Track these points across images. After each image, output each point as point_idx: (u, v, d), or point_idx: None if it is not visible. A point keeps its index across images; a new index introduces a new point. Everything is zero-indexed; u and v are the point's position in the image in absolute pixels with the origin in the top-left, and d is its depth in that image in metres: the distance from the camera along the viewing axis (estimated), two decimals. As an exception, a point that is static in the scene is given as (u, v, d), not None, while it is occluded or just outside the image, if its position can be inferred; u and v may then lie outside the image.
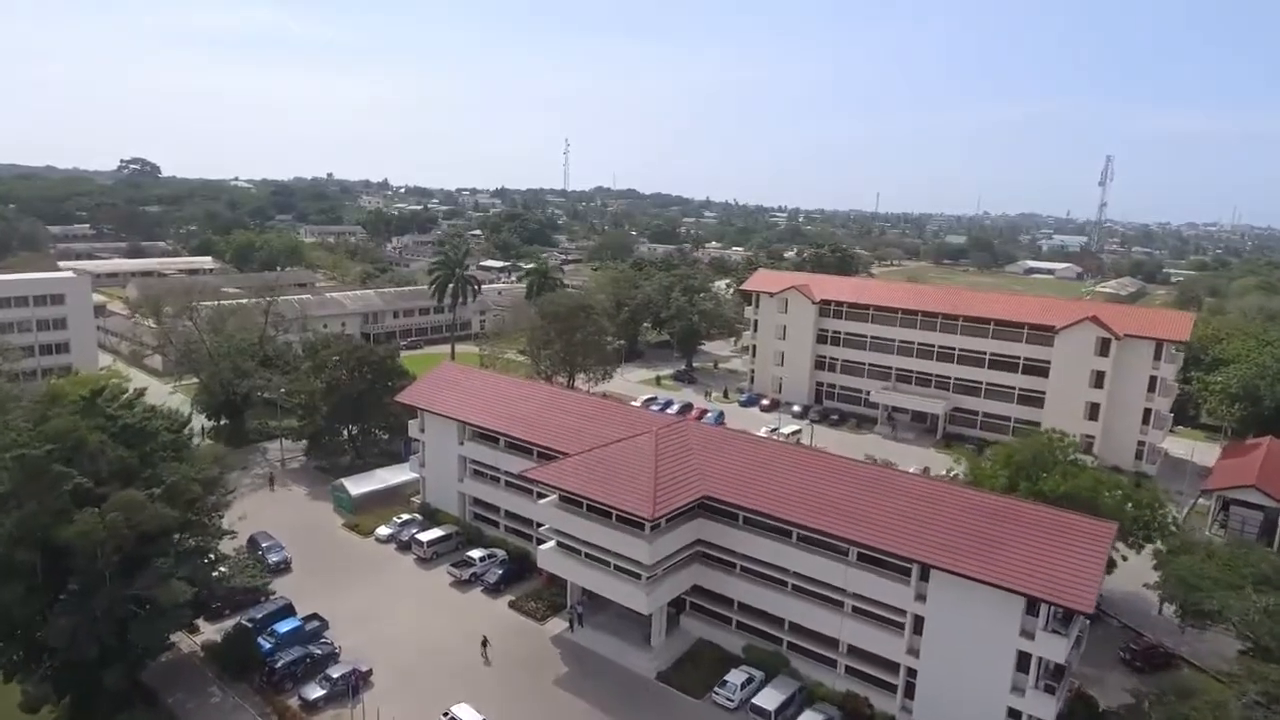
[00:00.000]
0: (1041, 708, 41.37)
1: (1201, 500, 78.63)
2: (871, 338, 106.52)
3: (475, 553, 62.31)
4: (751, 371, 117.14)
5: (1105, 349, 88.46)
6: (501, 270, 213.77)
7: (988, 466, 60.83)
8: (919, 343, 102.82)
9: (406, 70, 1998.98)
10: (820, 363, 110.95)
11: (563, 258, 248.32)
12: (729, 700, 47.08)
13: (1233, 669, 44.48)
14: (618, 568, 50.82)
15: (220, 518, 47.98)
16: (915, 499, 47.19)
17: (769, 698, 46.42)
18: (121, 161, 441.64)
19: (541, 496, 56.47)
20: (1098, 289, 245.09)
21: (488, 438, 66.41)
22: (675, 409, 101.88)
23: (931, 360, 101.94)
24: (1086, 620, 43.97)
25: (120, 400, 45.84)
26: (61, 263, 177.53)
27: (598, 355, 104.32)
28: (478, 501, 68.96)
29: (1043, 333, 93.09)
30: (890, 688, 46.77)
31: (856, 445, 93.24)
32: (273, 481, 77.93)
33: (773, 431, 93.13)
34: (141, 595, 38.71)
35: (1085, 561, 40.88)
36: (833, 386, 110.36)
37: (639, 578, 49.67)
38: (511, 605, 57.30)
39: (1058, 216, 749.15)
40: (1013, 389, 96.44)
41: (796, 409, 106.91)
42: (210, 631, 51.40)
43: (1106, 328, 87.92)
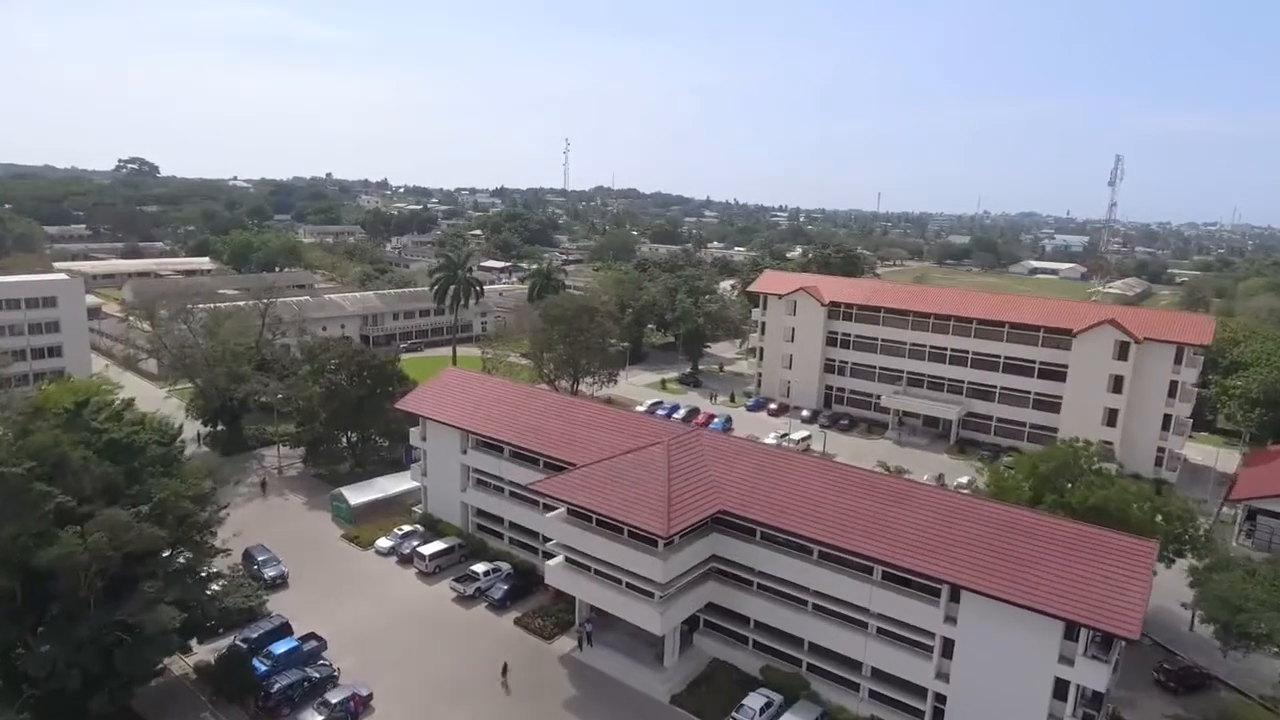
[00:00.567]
0: (1081, 737, 39.22)
1: (1225, 509, 76.43)
2: (882, 341, 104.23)
3: (479, 566, 60.05)
4: (758, 375, 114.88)
5: (1124, 353, 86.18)
6: (502, 271, 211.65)
7: (1010, 477, 58.76)
8: (931, 346, 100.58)
9: (406, 70, 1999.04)
10: (830, 366, 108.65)
11: (564, 258, 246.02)
12: (748, 726, 44.77)
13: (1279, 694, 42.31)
14: (629, 585, 48.64)
15: (213, 534, 45.70)
16: (944, 514, 44.88)
17: (790, 724, 44.14)
18: (119, 161, 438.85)
19: (549, 509, 54.27)
20: (1106, 290, 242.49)
21: (491, 446, 64.12)
22: (681, 414, 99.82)
23: (944, 364, 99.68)
24: (1123, 642, 41.76)
25: (107, 412, 43.52)
26: (57, 263, 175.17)
27: (602, 358, 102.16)
28: (481, 512, 66.74)
29: (1059, 336, 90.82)
30: (918, 714, 44.53)
31: (868, 451, 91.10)
32: (265, 486, 75.75)
33: (782, 437, 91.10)
34: (128, 621, 36.39)
35: (1128, 583, 38.61)
36: (842, 390, 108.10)
37: (652, 596, 47.51)
38: (517, 623, 54.98)
39: (1058, 216, 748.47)
40: (1028, 393, 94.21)
41: (805, 414, 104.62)
42: (204, 652, 49.00)
43: (1126, 331, 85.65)
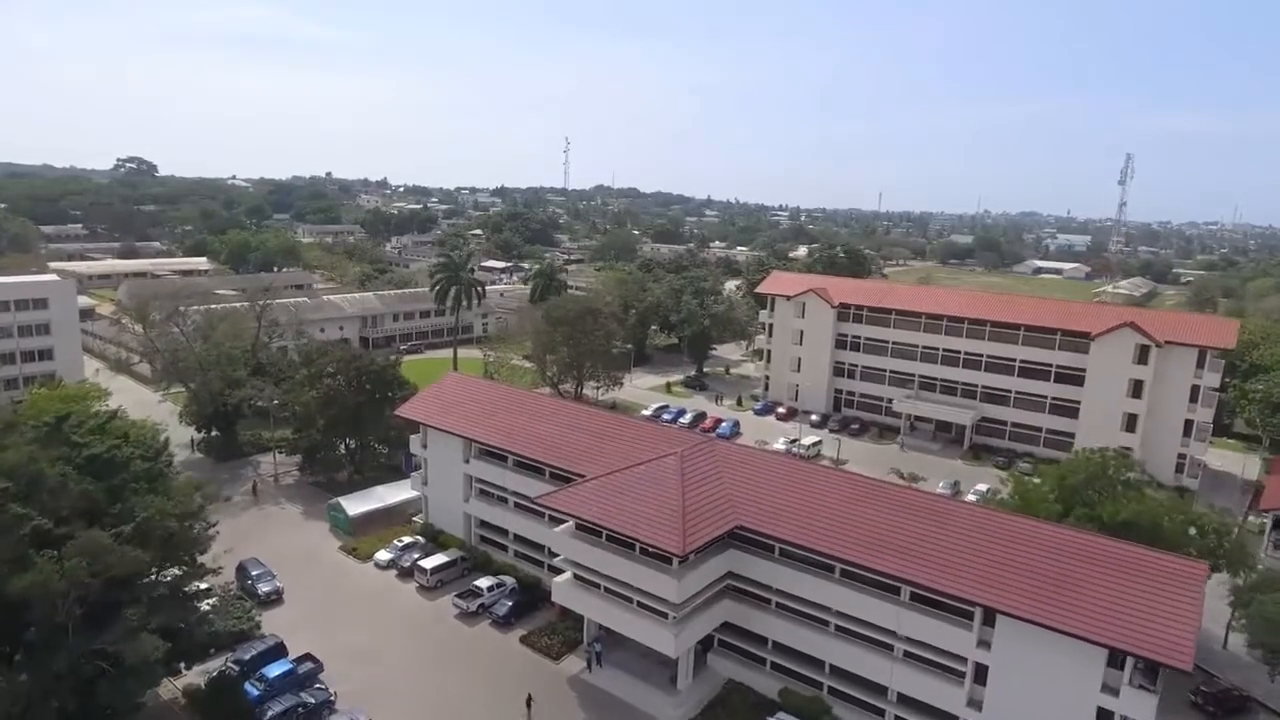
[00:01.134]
0: (1125, 771, 36.72)
1: (1251, 517, 74.02)
2: (894, 343, 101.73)
3: (483, 581, 57.54)
4: (766, 378, 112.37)
5: (1144, 356, 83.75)
6: (503, 271, 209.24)
7: (1036, 489, 56.19)
8: (944, 349, 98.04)
9: (406, 70, 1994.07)
10: (839, 369, 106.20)
11: (565, 258, 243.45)
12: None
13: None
14: (642, 605, 46.23)
15: (202, 553, 43.21)
16: (976, 532, 42.44)
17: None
18: (118, 160, 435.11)
19: (556, 522, 51.84)
20: (1114, 290, 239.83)
21: (495, 455, 61.69)
22: (688, 418, 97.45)
23: (957, 367, 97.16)
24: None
25: (88, 425, 41.06)
26: (52, 264, 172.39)
27: (606, 361, 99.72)
28: (484, 524, 64.29)
29: (1077, 339, 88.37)
30: (948, 743, 42.15)
31: (880, 456, 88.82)
32: (256, 489, 73.55)
33: (792, 443, 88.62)
34: (108, 650, 33.90)
35: (1179, 608, 36.16)
36: (852, 394, 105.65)
37: (666, 617, 45.09)
38: (523, 641, 52.49)
39: (1059, 216, 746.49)
40: (1044, 398, 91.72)
41: (815, 418, 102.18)
42: (194, 674, 46.53)
43: (1146, 334, 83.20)
